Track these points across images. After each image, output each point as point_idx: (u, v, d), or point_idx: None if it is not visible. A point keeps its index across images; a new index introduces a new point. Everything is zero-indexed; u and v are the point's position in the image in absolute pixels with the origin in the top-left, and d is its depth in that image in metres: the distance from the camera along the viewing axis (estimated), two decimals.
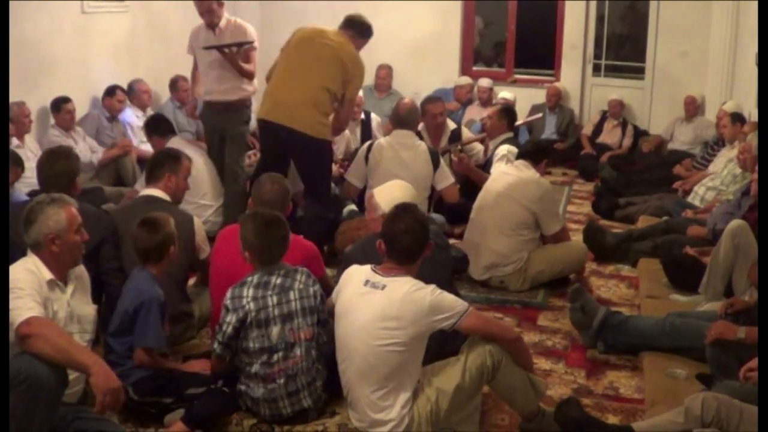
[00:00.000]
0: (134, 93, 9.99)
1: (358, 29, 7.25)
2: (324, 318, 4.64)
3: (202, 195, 7.53)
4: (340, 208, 7.76)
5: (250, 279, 4.53)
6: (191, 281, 6.14)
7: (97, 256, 5.30)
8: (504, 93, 11.79)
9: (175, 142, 7.75)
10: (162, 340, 4.70)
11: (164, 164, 5.89)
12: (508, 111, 8.43)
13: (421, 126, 8.34)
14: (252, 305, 4.44)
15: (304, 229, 5.84)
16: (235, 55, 7.51)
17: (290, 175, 7.13)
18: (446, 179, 7.40)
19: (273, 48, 7.50)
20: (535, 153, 7.08)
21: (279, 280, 4.53)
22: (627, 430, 4.17)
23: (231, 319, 4.44)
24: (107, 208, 6.71)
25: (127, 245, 5.28)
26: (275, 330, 4.45)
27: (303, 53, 7.05)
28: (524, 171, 6.90)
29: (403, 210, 4.42)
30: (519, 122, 8.97)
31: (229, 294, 4.52)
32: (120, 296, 4.83)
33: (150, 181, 5.88)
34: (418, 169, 7.18)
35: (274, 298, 4.48)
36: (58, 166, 5.56)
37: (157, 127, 8.00)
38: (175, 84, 10.67)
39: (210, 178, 7.74)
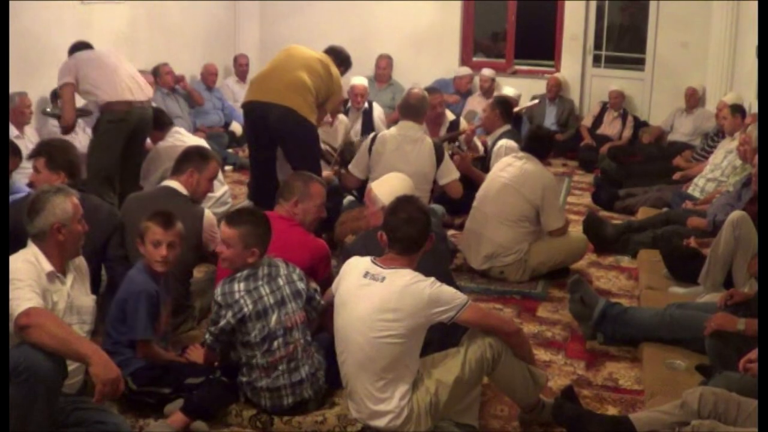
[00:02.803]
0: None
1: (336, 55, 7.54)
2: (310, 294, 4.70)
3: None
4: (340, 199, 7.75)
5: (239, 274, 4.55)
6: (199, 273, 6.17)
7: (105, 249, 5.32)
8: (507, 89, 11.80)
9: (175, 132, 7.73)
10: (149, 330, 4.68)
11: (192, 159, 5.91)
12: (501, 103, 8.39)
13: None
14: (248, 299, 4.46)
15: None
16: None
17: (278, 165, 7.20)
18: (450, 174, 7.34)
19: (272, 45, 7.55)
20: (540, 148, 7.06)
21: (266, 270, 4.58)
22: (624, 421, 4.17)
23: (226, 314, 4.46)
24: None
25: (135, 232, 5.31)
26: (274, 317, 4.48)
27: (288, 55, 7.23)
28: (528, 163, 6.90)
29: (405, 200, 4.43)
30: (517, 108, 8.95)
31: (218, 290, 4.54)
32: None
33: (174, 173, 5.90)
34: (420, 164, 7.14)
35: (266, 287, 4.52)
36: (68, 157, 5.60)
37: (156, 120, 7.95)
38: (157, 71, 10.70)
39: None
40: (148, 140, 8.12)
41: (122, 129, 7.44)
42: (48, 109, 8.38)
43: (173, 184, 5.81)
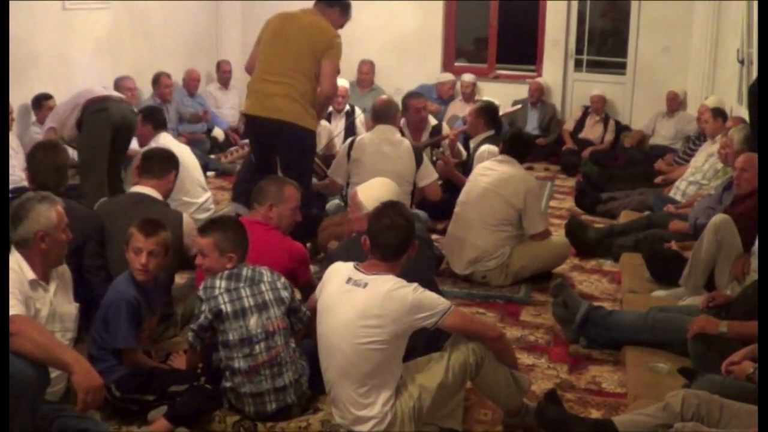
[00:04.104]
0: (120, 91, 9.93)
1: (326, 1, 7.04)
2: (295, 306, 4.71)
3: (185, 192, 7.50)
4: (323, 205, 7.75)
5: (221, 273, 4.59)
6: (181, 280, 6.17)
7: (81, 254, 5.29)
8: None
9: (164, 137, 7.72)
10: (131, 339, 4.69)
11: (173, 163, 5.95)
12: (486, 109, 8.41)
13: (402, 122, 8.35)
14: (226, 297, 4.49)
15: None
16: None
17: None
18: (429, 176, 7.37)
19: None
20: (519, 150, 7.07)
21: (249, 273, 4.61)
22: (607, 424, 4.18)
23: (204, 308, 4.49)
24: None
25: (115, 241, 5.29)
26: (253, 320, 4.49)
27: (279, 44, 6.92)
28: (509, 167, 6.91)
29: (389, 206, 4.43)
30: (500, 113, 8.97)
31: (201, 286, 4.59)
32: (102, 293, 4.87)
33: (148, 177, 5.88)
34: (400, 166, 7.17)
35: (247, 290, 4.54)
36: (54, 160, 5.60)
37: (154, 116, 7.92)
38: (157, 80, 10.71)
39: (194, 176, 7.71)
40: (134, 146, 8.09)
41: (105, 119, 7.39)
42: None
43: (146, 189, 5.80)
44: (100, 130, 7.39)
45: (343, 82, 10.00)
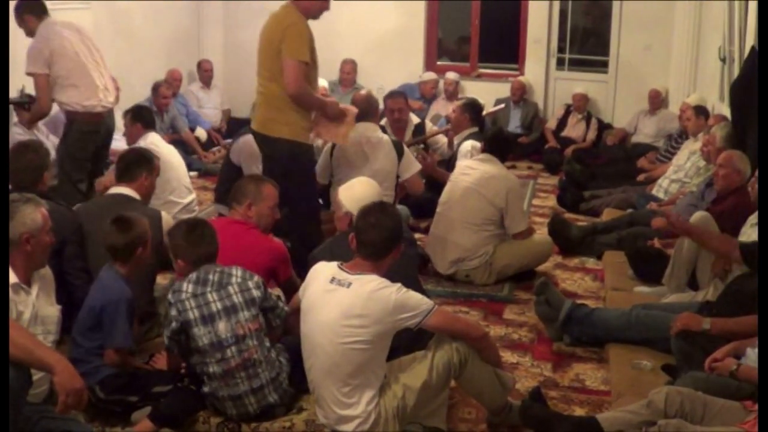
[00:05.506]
0: None
1: None
2: (271, 305, 4.66)
3: (170, 191, 7.49)
4: None
5: (190, 276, 4.56)
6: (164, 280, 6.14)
7: (60, 255, 5.26)
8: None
9: (152, 136, 7.69)
10: (130, 339, 4.68)
11: (142, 164, 5.87)
12: (470, 106, 8.43)
13: (384, 121, 8.33)
14: (192, 302, 4.46)
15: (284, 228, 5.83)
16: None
17: None
18: (411, 168, 7.37)
19: (237, 47, 7.43)
20: (501, 149, 7.07)
21: (216, 277, 4.56)
22: (591, 422, 4.19)
23: (174, 312, 4.48)
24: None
25: (94, 242, 5.27)
26: (221, 324, 4.45)
27: (258, 51, 6.49)
28: (490, 166, 6.90)
29: (377, 206, 4.44)
30: (483, 113, 8.97)
31: (171, 288, 4.59)
32: (84, 295, 4.83)
33: (123, 179, 5.84)
34: (382, 163, 7.16)
35: (214, 294, 4.50)
36: (27, 160, 5.56)
37: (143, 116, 7.90)
38: (156, 90, 10.68)
39: (179, 175, 7.68)
40: (122, 145, 8.04)
41: (93, 138, 7.43)
42: (19, 97, 8.32)
43: (125, 190, 5.76)
44: (85, 149, 7.46)
45: (321, 82, 9.96)
